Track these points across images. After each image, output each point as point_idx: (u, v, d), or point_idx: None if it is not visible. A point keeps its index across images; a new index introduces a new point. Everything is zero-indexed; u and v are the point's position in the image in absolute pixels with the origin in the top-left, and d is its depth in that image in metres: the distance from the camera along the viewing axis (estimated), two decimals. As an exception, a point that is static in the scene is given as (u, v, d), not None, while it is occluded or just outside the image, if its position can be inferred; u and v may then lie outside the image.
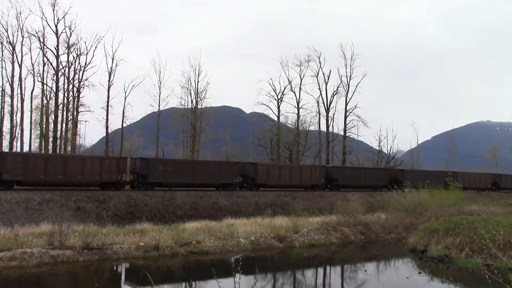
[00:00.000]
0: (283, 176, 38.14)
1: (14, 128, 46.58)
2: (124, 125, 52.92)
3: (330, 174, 41.60)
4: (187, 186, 33.02)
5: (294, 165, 50.10)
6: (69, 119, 48.97)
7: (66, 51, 47.92)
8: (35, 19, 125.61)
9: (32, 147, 49.84)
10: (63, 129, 48.83)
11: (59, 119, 48.06)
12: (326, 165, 48.49)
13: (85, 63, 48.80)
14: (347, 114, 60.52)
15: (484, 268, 10.19)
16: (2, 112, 46.37)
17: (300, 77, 61.26)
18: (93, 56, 50.62)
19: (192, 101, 56.20)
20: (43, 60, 47.14)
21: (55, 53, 47.02)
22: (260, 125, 65.49)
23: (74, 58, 48.67)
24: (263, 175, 36.39)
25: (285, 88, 61.42)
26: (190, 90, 55.87)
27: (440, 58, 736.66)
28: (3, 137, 45.94)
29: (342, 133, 61.22)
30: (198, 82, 55.75)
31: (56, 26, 46.83)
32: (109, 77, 50.25)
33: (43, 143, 47.37)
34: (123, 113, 51.41)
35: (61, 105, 48.20)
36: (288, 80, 61.35)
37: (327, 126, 61.12)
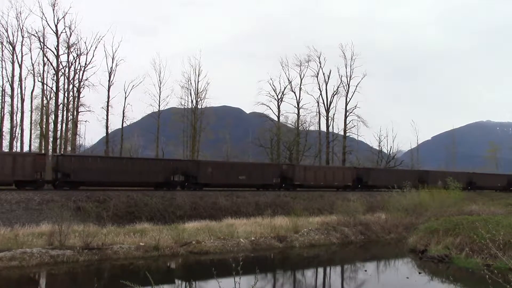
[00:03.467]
0: (318, 177, 40.42)
1: (14, 128, 46.65)
2: (124, 125, 53.00)
3: (360, 175, 44.14)
4: (229, 187, 34.96)
5: (329, 166, 53.41)
6: (69, 119, 49.00)
7: (66, 51, 47.95)
8: (35, 19, 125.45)
9: (32, 147, 49.91)
10: (63, 129, 48.88)
11: (59, 119, 48.10)
12: (356, 167, 49.18)
13: (85, 63, 48.87)
14: (347, 114, 60.58)
15: (484, 268, 10.19)
16: (2, 112, 46.41)
17: (300, 77, 61.34)
18: (93, 56, 50.56)
19: (192, 101, 56.29)
20: (43, 60, 47.19)
21: (55, 53, 47.04)
22: (260, 125, 65.48)
23: (74, 58, 48.72)
24: (300, 176, 38.55)
25: (285, 88, 61.51)
26: (190, 90, 55.96)
27: (440, 58, 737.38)
28: (3, 137, 45.97)
29: (342, 133, 61.24)
30: (198, 82, 55.83)
31: (56, 26, 46.88)
32: (109, 77, 50.32)
33: (43, 143, 47.38)
34: (123, 113, 51.49)
35: (61, 105, 48.25)
36: (288, 80, 61.43)
37: (327, 126, 61.20)
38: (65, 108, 48.77)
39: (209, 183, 33.89)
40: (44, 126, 47.29)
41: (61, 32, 47.16)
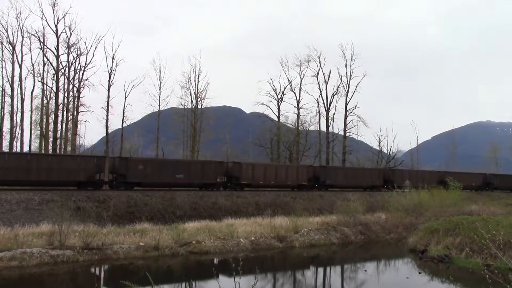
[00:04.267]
0: (269, 176, 37.84)
1: (14, 128, 46.64)
2: (124, 125, 52.96)
3: (318, 174, 41.79)
4: (165, 186, 33.19)
5: (281, 164, 49.57)
6: (69, 119, 48.99)
7: (66, 51, 47.94)
8: (35, 19, 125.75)
9: (32, 147, 49.92)
10: (63, 129, 48.88)
11: (59, 119, 48.09)
12: (313, 165, 48.16)
13: (85, 63, 48.83)
14: (347, 114, 60.59)
15: (484, 268, 10.18)
16: (2, 112, 46.40)
17: (300, 77, 61.38)
18: (93, 56, 50.78)
19: (192, 101, 56.30)
20: (43, 60, 47.19)
21: (55, 53, 47.03)
22: (260, 125, 65.50)
23: (74, 58, 48.70)
24: (248, 174, 36.73)
25: (285, 88, 61.55)
26: (190, 90, 55.97)
27: (440, 58, 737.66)
28: (3, 137, 45.98)
29: (342, 133, 61.24)
30: (198, 82, 55.85)
31: (56, 26, 46.87)
32: (109, 77, 50.28)
33: (43, 143, 47.39)
34: (123, 113, 51.45)
35: (61, 105, 48.24)
36: (288, 80, 61.47)
37: (327, 126, 61.21)
38: (65, 108, 48.81)
39: (141, 181, 31.32)
40: (44, 126, 47.30)
41: (61, 32, 47.22)
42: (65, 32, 47.50)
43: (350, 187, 42.81)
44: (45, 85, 47.85)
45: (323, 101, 61.49)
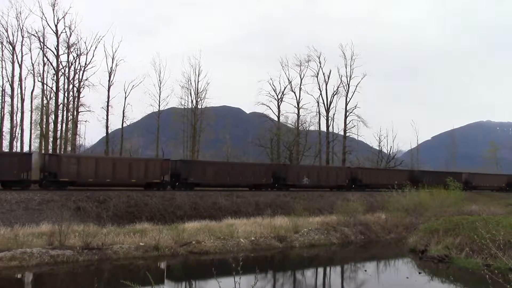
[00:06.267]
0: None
1: (14, 128, 46.58)
2: (124, 125, 52.95)
3: (278, 173, 40.02)
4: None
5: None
6: (69, 119, 48.98)
7: (66, 51, 47.91)
8: (35, 19, 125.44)
9: (32, 147, 49.88)
10: (63, 129, 48.85)
11: (59, 119, 48.07)
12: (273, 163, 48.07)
13: (85, 63, 48.80)
14: (347, 114, 60.58)
15: (484, 268, 10.19)
16: (2, 112, 46.38)
17: (300, 77, 61.32)
18: (93, 56, 50.46)
19: (192, 101, 56.26)
20: (43, 60, 47.14)
21: (55, 53, 47.02)
22: (260, 125, 65.47)
23: (74, 58, 48.68)
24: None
25: (285, 88, 61.50)
26: (190, 90, 55.93)
27: (440, 58, 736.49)
28: (3, 137, 45.95)
29: (342, 133, 61.24)
30: (198, 82, 55.80)
31: (56, 26, 46.83)
32: (109, 77, 50.26)
33: (43, 143, 47.37)
34: (123, 113, 51.43)
35: (61, 105, 48.22)
36: (288, 80, 61.41)
37: (327, 126, 61.20)
38: (65, 108, 48.79)
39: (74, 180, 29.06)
40: (44, 126, 47.28)
41: (61, 32, 47.18)
42: (65, 32, 47.52)
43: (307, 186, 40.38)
44: (45, 85, 47.85)
45: (323, 101, 61.56)
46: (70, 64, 48.41)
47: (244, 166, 39.30)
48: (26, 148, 46.89)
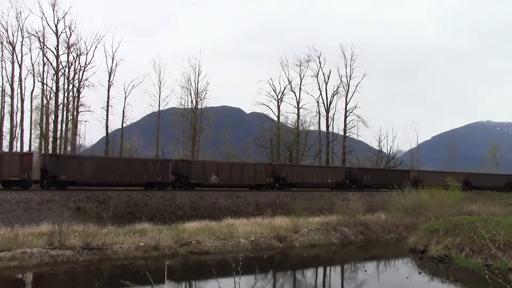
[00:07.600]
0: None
1: (14, 128, 46.65)
2: (124, 125, 53.03)
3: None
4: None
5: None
6: (69, 119, 49.03)
7: (66, 51, 48.01)
8: (35, 19, 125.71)
9: (32, 147, 49.89)
10: (63, 129, 48.91)
11: (59, 119, 48.14)
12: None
13: (85, 63, 48.93)
14: (347, 114, 60.67)
15: (484, 268, 10.20)
16: (2, 112, 46.42)
17: (300, 77, 61.41)
18: (93, 56, 50.75)
19: (192, 101, 56.36)
20: (43, 60, 47.22)
21: (55, 53, 47.08)
22: (260, 125, 65.50)
23: (74, 58, 48.78)
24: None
25: (285, 88, 61.57)
26: (190, 90, 56.03)
27: (440, 58, 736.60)
28: (3, 137, 46.00)
29: (342, 133, 61.31)
30: (198, 82, 55.92)
31: (56, 26, 46.92)
32: (109, 77, 50.36)
33: (43, 143, 47.40)
34: (123, 113, 51.53)
35: (61, 105, 48.29)
36: (288, 80, 61.50)
37: (327, 126, 61.27)
38: (65, 108, 48.84)
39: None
40: (44, 126, 47.31)
41: (61, 32, 47.28)
42: (65, 32, 47.62)
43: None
44: (45, 85, 47.92)
45: (323, 101, 61.61)
46: (70, 64, 48.55)
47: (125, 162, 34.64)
48: (26, 148, 46.96)
